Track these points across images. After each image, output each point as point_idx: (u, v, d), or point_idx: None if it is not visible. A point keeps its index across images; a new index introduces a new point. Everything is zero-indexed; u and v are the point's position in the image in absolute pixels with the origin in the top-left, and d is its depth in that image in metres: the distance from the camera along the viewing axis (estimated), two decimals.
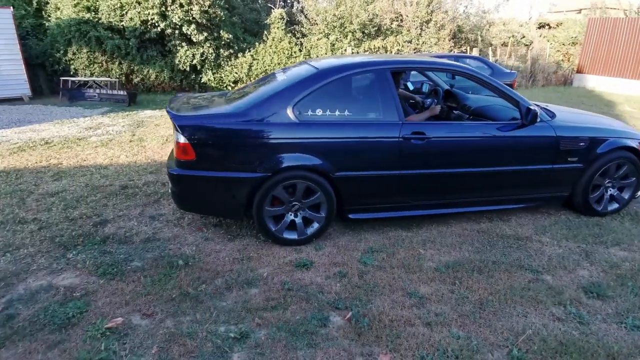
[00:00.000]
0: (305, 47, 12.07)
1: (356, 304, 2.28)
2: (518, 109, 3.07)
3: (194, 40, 10.89)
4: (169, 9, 10.43)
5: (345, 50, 11.79)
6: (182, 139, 2.65)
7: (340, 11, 11.99)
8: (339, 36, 12.06)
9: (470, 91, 4.19)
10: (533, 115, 2.98)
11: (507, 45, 14.59)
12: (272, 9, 12.36)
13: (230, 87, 11.50)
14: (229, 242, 2.97)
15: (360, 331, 2.07)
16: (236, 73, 11.52)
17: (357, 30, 11.89)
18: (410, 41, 12.27)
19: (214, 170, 2.74)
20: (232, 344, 1.97)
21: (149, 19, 10.40)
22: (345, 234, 3.12)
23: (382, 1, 12.15)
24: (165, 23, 10.52)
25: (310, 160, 2.75)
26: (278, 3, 13.24)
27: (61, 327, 2.07)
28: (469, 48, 12.85)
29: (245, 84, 4.17)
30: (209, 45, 11.12)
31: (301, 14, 12.81)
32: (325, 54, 11.80)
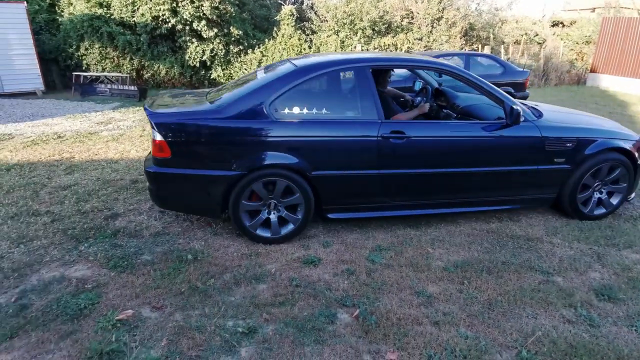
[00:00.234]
0: (315, 44, 12.05)
1: (364, 301, 2.28)
2: (503, 108, 2.97)
3: (204, 36, 10.94)
4: (179, 5, 10.48)
5: (354, 47, 11.74)
6: (158, 137, 2.64)
7: (351, 8, 11.93)
8: (348, 33, 12.01)
9: (458, 89, 4.07)
10: (516, 115, 2.87)
11: (520, 44, 14.39)
12: (282, 6, 12.35)
13: None
14: (237, 238, 2.99)
15: (368, 329, 2.07)
16: (245, 69, 11.55)
17: (367, 28, 11.83)
18: (420, 39, 12.17)
19: (189, 168, 2.72)
20: (240, 339, 1.99)
21: (160, 14, 10.47)
22: (353, 231, 3.12)
23: None
24: (176, 19, 10.58)
25: (286, 158, 2.72)
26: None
27: (73, 318, 2.11)
28: (480, 46, 12.70)
29: (228, 81, 4.14)
30: (219, 41, 11.16)
31: (311, 10, 12.78)
32: (335, 51, 11.77)
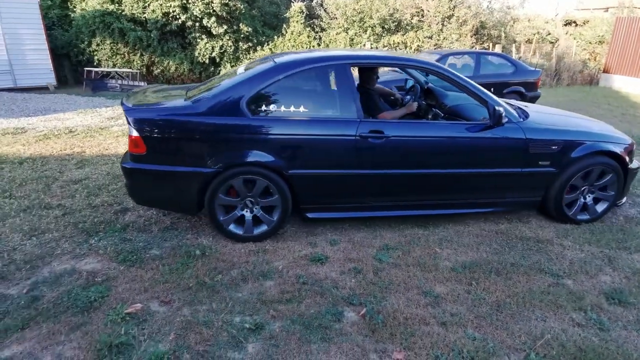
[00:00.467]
0: (324, 42, 12.02)
1: (371, 300, 2.28)
2: (487, 109, 2.88)
3: (214, 32, 10.98)
4: (190, 1, 10.53)
5: (364, 45, 11.69)
6: (134, 132, 2.62)
7: (361, 5, 11.88)
8: (358, 31, 11.96)
9: (448, 88, 3.98)
10: (498, 116, 2.80)
11: (532, 42, 14.19)
12: (292, 3, 12.33)
13: None
14: None
15: (375, 328, 2.07)
16: None
17: (377, 25, 11.77)
18: (430, 37, 12.08)
19: (164, 164, 2.70)
20: (247, 335, 2.00)
21: (171, 11, 10.53)
22: (360, 230, 3.11)
23: None
24: (186, 15, 10.63)
25: (262, 156, 2.69)
26: None
27: (83, 310, 2.14)
28: (491, 44, 12.56)
29: (210, 78, 4.13)
30: (228, 38, 11.20)
31: (321, 7, 12.75)
32: (344, 48, 11.72)
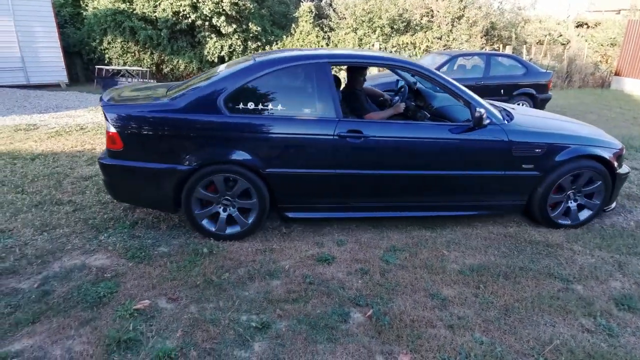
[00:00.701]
0: (333, 42, 12.02)
1: (377, 301, 2.27)
2: (469, 110, 2.84)
3: (223, 32, 11.04)
4: (200, 0, 10.59)
5: (372, 45, 11.66)
6: (111, 129, 2.64)
7: (370, 5, 11.85)
8: (367, 31, 11.94)
9: (438, 89, 3.92)
10: (477, 118, 2.76)
11: (543, 44, 14.03)
12: (301, 2, 12.35)
13: None
14: (252, 234, 3.01)
15: (381, 329, 2.06)
16: None
17: (386, 26, 11.73)
18: (440, 37, 12.01)
19: (141, 161, 2.70)
20: (254, 333, 2.01)
21: (181, 10, 10.61)
22: (367, 230, 3.11)
23: None
24: (196, 14, 10.70)
25: (239, 154, 2.68)
26: None
27: (93, 306, 2.17)
28: (502, 46, 12.45)
29: (193, 76, 4.13)
30: (237, 37, 11.24)
31: (330, 7, 12.74)
32: (353, 48, 11.71)
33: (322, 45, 11.80)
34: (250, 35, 11.47)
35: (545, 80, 7.31)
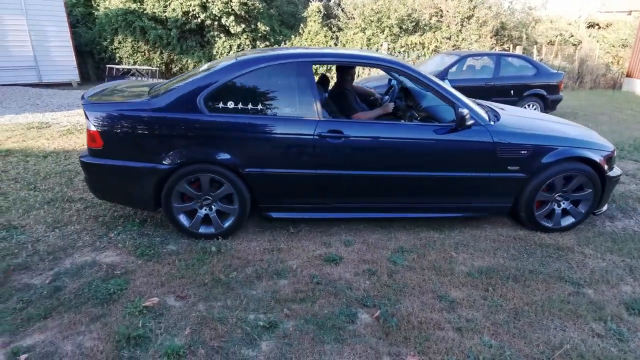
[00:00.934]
0: (341, 42, 12.01)
1: (385, 302, 2.27)
2: (454, 110, 2.79)
3: (232, 31, 11.09)
4: (209, 0, 10.66)
5: (381, 45, 11.62)
6: (91, 127, 2.65)
7: (379, 5, 11.81)
8: (375, 31, 11.90)
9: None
10: (460, 118, 2.73)
11: (554, 44, 13.86)
12: (310, 2, 12.36)
13: None
14: (260, 233, 3.02)
15: (388, 330, 2.06)
16: None
17: (395, 26, 11.69)
18: (449, 37, 11.93)
19: (121, 159, 2.70)
20: (261, 332, 2.02)
21: (190, 10, 10.69)
22: (375, 231, 3.10)
23: None
24: (205, 14, 10.77)
25: (218, 154, 2.67)
26: None
27: (103, 302, 2.20)
28: (512, 46, 12.32)
29: (177, 76, 4.13)
30: (246, 37, 11.30)
31: (338, 7, 12.73)
32: (361, 48, 11.69)
33: (331, 45, 11.79)
34: (259, 35, 11.51)
35: (556, 81, 7.22)
